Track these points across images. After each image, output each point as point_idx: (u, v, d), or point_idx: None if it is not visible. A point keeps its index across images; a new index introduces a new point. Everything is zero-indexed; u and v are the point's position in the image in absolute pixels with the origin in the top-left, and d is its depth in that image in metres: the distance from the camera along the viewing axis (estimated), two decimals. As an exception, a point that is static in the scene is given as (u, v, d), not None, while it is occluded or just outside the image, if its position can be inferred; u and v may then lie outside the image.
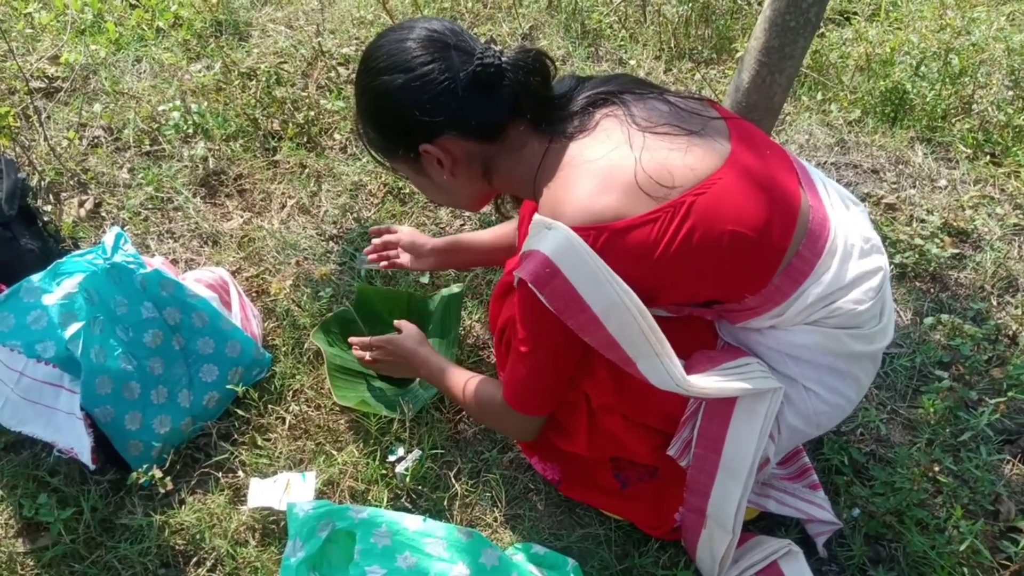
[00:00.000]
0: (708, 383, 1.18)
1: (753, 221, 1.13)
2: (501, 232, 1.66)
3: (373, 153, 1.27)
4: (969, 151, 2.30)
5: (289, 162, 2.18)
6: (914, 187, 2.20)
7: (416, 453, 1.54)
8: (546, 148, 1.19)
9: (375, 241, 1.73)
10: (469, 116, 1.16)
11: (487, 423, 1.53)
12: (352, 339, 1.64)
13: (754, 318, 1.23)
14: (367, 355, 1.59)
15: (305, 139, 2.26)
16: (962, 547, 1.37)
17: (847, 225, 1.23)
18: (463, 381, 1.45)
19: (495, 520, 1.50)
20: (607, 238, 1.09)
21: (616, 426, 1.32)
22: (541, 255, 1.11)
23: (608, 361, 1.18)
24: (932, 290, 1.94)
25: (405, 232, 1.71)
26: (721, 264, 1.14)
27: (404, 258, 1.71)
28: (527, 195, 1.24)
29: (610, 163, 1.12)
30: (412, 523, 1.36)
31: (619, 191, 1.10)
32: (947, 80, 2.45)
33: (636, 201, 1.09)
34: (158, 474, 1.45)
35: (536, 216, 1.14)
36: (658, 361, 1.15)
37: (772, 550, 1.38)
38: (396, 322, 1.62)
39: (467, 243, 1.69)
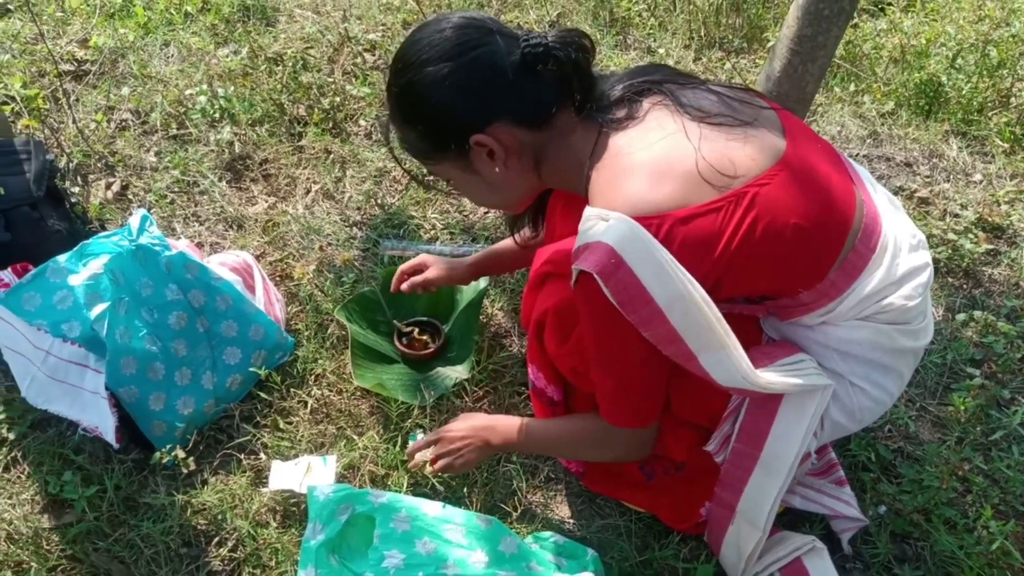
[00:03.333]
0: (774, 378, 1.14)
1: (815, 214, 1.10)
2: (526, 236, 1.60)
3: (413, 161, 1.21)
4: (1006, 145, 2.25)
5: (314, 147, 2.18)
6: (948, 181, 2.15)
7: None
8: (596, 136, 1.15)
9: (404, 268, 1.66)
10: (520, 101, 1.12)
11: (595, 455, 1.37)
12: (411, 449, 1.46)
13: (806, 315, 1.20)
14: (430, 454, 1.42)
15: (330, 125, 2.26)
16: (992, 547, 1.34)
17: (895, 221, 1.21)
18: (553, 427, 1.37)
19: (515, 509, 1.49)
20: (669, 227, 1.05)
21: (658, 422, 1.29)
22: (605, 246, 1.05)
23: None
24: (965, 286, 1.90)
25: (432, 266, 1.65)
26: (781, 258, 1.11)
27: (433, 272, 1.65)
28: (576, 187, 1.19)
29: (668, 151, 1.08)
30: (431, 509, 1.35)
31: (679, 180, 1.06)
32: (984, 72, 2.39)
33: (698, 190, 1.06)
34: (181, 454, 1.45)
35: (588, 209, 1.10)
36: (724, 354, 1.10)
37: (796, 546, 1.35)
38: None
39: (499, 251, 1.64)
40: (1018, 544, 1.39)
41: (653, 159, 1.08)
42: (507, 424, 1.39)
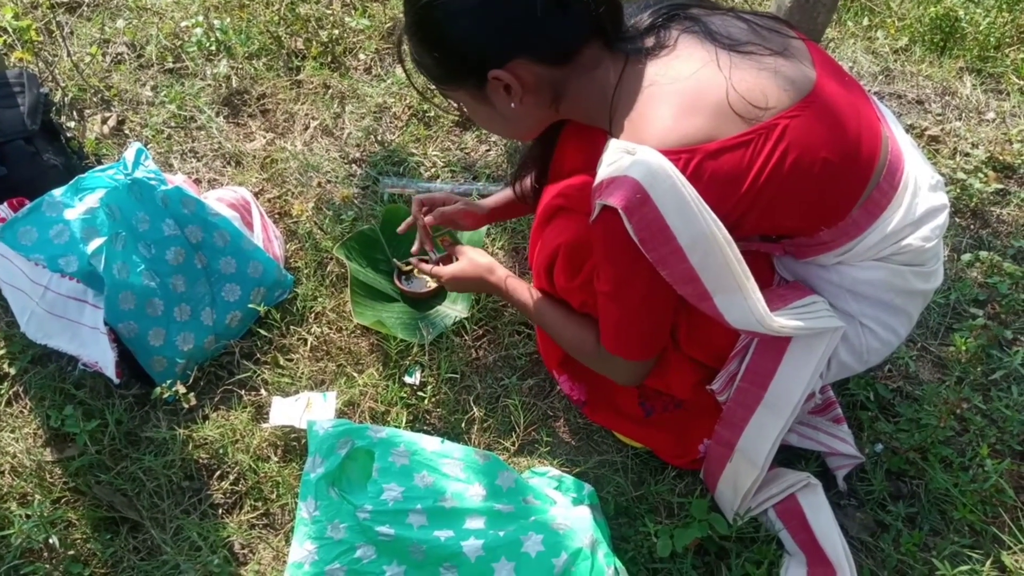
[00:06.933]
0: (787, 322, 1.12)
1: (844, 149, 1.08)
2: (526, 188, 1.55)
3: (426, 83, 1.17)
4: (1022, 83, 2.19)
5: (312, 82, 2.14)
6: (960, 119, 2.10)
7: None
8: (622, 69, 1.11)
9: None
10: (545, 38, 1.08)
11: (586, 363, 1.37)
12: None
13: (824, 253, 1.19)
14: (441, 266, 1.50)
15: (329, 59, 2.21)
16: (986, 485, 1.35)
17: (915, 159, 1.19)
18: (558, 319, 1.35)
19: (512, 444, 1.50)
20: (699, 162, 1.02)
21: (665, 357, 1.28)
22: (631, 180, 1.01)
23: None
24: (972, 226, 1.87)
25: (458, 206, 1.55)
26: (807, 194, 1.09)
27: (460, 212, 1.56)
28: (598, 120, 1.16)
29: (698, 82, 1.04)
30: (430, 444, 1.36)
31: (709, 112, 1.03)
32: (1004, 7, 2.31)
33: (727, 122, 1.02)
34: (182, 390, 1.46)
35: (613, 141, 1.06)
36: (740, 296, 1.08)
37: (790, 483, 1.36)
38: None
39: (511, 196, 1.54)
40: (1012, 482, 1.40)
41: (682, 90, 1.04)
42: (516, 286, 1.41)
